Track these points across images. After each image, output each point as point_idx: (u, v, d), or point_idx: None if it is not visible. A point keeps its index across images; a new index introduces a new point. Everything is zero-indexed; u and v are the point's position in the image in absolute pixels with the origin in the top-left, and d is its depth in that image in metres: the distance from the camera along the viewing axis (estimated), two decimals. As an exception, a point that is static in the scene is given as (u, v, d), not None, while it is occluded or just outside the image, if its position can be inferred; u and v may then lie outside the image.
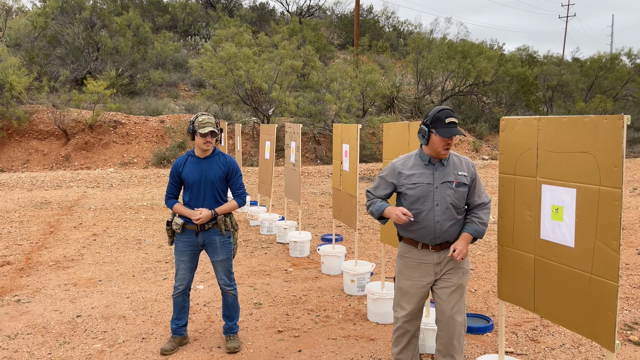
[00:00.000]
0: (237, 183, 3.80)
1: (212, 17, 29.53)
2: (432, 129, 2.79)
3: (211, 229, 3.69)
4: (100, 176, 13.40)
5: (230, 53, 16.72)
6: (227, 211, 3.73)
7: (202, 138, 3.57)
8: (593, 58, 26.27)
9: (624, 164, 2.20)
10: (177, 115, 17.85)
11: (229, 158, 3.78)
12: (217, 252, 3.72)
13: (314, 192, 11.65)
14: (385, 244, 4.47)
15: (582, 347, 3.85)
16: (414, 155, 2.97)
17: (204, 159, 3.70)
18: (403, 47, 30.68)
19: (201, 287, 5.19)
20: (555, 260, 2.56)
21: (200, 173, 3.65)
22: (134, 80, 20.40)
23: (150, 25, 25.01)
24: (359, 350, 3.82)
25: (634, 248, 6.66)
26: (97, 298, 4.88)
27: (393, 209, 2.86)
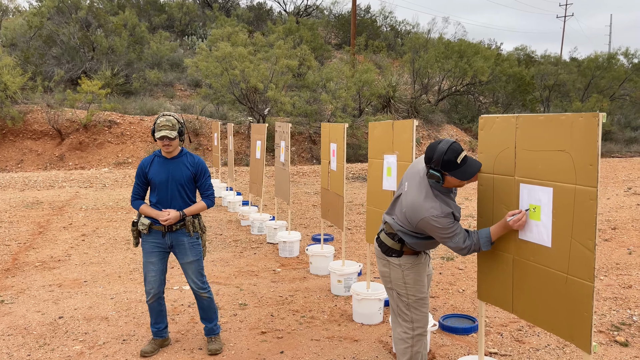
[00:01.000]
0: (205, 184, 3.71)
1: (209, 16, 29.48)
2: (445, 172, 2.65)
3: (179, 230, 3.60)
4: (94, 176, 13.35)
5: (226, 52, 16.67)
6: (195, 212, 3.64)
7: (160, 141, 3.48)
8: (590, 58, 26.26)
9: (599, 163, 2.16)
10: (173, 115, 17.78)
11: (197, 158, 3.69)
12: (186, 253, 3.63)
13: (307, 192, 11.61)
14: (371, 244, 4.43)
15: (567, 347, 3.81)
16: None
17: (171, 159, 3.61)
18: (400, 47, 30.62)
19: (187, 288, 5.14)
20: (533, 260, 2.52)
21: (167, 174, 3.57)
22: (130, 80, 20.34)
23: (147, 25, 24.95)
24: (342, 352, 3.77)
25: (626, 248, 6.63)
26: (81, 299, 4.83)
27: (503, 225, 2.60)
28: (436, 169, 2.63)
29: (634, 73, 25.85)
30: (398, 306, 3.01)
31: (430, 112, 21.52)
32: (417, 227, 2.76)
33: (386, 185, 3.97)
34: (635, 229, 7.55)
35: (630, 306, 4.64)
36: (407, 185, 2.86)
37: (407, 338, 2.98)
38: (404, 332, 2.99)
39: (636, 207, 9.11)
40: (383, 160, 4.00)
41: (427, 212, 2.66)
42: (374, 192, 4.17)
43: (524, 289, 2.60)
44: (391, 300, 3.07)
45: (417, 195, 2.74)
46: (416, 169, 2.89)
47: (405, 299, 2.96)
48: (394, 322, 3.09)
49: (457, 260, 6.18)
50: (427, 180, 2.75)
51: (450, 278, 5.53)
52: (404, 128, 3.71)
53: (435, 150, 2.62)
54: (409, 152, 3.64)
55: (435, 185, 2.73)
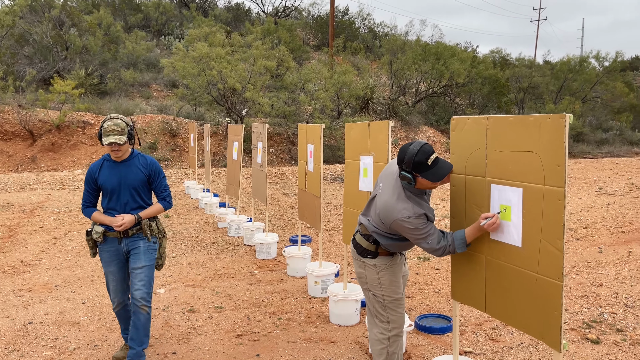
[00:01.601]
0: (160, 185, 3.54)
1: (186, 16, 29.19)
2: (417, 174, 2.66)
3: (135, 235, 3.44)
4: (67, 178, 13.08)
5: (203, 53, 16.51)
6: (151, 215, 3.48)
7: (107, 146, 3.30)
8: (563, 61, 26.86)
9: (566, 163, 2.19)
10: (149, 116, 17.56)
11: (150, 159, 3.52)
12: (139, 257, 3.41)
13: (286, 194, 11.58)
14: (348, 245, 4.43)
15: (539, 345, 3.87)
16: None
17: (121, 162, 3.43)
18: (378, 49, 30.83)
19: (162, 291, 5.07)
20: (504, 260, 2.55)
21: (119, 178, 3.39)
22: (104, 80, 20.00)
23: (122, 25, 24.59)
24: (318, 353, 3.76)
25: (597, 247, 6.78)
26: (52, 304, 4.72)
27: (477, 227, 2.60)
28: (408, 170, 2.65)
29: (605, 76, 26.53)
30: (374, 307, 3.01)
31: (408, 114, 21.70)
32: (390, 228, 2.77)
33: (363, 186, 3.97)
34: (605, 228, 7.73)
35: (601, 304, 4.74)
36: (382, 187, 2.87)
37: (384, 339, 2.99)
38: (380, 333, 3.00)
39: (607, 206, 9.33)
40: (359, 161, 4.01)
41: (399, 214, 2.67)
42: (350, 193, 4.17)
43: (496, 288, 2.63)
44: (367, 301, 3.07)
45: (390, 197, 2.75)
46: (390, 171, 2.90)
47: (381, 299, 2.96)
48: (370, 322, 3.10)
49: (433, 260, 6.23)
50: (400, 182, 2.76)
51: (426, 278, 5.58)
52: (380, 129, 3.73)
53: (407, 152, 2.64)
54: (384, 153, 3.65)
55: (408, 187, 2.74)
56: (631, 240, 7.07)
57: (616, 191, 10.91)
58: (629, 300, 4.81)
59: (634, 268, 5.78)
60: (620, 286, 5.20)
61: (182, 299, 4.86)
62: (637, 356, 3.70)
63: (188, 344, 3.91)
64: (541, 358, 3.69)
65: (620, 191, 10.89)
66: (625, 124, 26.23)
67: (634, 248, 6.63)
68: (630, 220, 8.14)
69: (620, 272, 5.65)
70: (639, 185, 11.48)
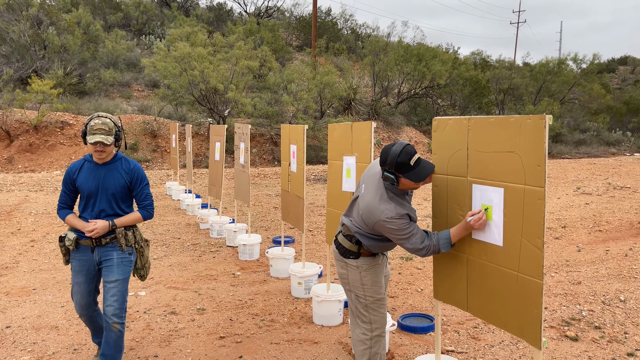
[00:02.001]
0: (142, 193, 3.30)
1: (168, 16, 28.92)
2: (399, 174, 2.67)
3: (109, 244, 3.18)
4: (45, 179, 12.84)
5: (184, 53, 16.38)
6: (128, 224, 3.23)
7: (92, 146, 3.06)
8: (542, 63, 27.32)
9: (546, 164, 2.23)
10: (130, 116, 17.34)
11: (133, 164, 3.28)
12: (112, 270, 3.16)
13: (268, 194, 11.54)
14: (332, 246, 4.43)
15: (520, 343, 3.93)
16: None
17: (103, 165, 3.20)
18: (361, 50, 30.95)
19: (143, 294, 5.00)
20: (486, 259, 2.58)
21: (98, 181, 3.15)
22: (84, 79, 19.69)
23: (102, 24, 24.24)
24: (301, 354, 3.76)
25: (575, 245, 6.90)
26: (30, 308, 4.62)
27: (463, 226, 2.61)
28: (390, 171, 2.66)
29: (582, 78, 27.04)
30: (356, 307, 3.02)
31: (390, 115, 21.83)
32: (373, 229, 2.78)
33: (345, 187, 3.98)
34: (584, 227, 7.88)
35: (580, 302, 4.82)
36: (364, 188, 2.88)
37: (366, 339, 3.00)
38: (363, 334, 3.00)
39: (585, 206, 9.51)
40: (342, 162, 4.01)
41: (382, 214, 2.68)
42: (333, 194, 4.17)
43: (478, 287, 2.66)
44: (350, 301, 3.08)
45: (372, 198, 2.76)
46: (373, 171, 2.91)
47: (363, 300, 2.97)
48: (352, 323, 3.10)
49: (415, 260, 6.27)
50: (383, 183, 2.77)
51: (409, 278, 5.61)
52: (362, 130, 3.74)
53: (389, 153, 2.65)
54: (367, 154, 3.66)
55: (391, 188, 2.75)
56: (608, 239, 7.21)
57: (593, 191, 11.12)
58: (606, 298, 4.91)
59: (611, 266, 5.90)
60: (598, 284, 5.30)
61: (164, 301, 4.80)
62: (615, 353, 3.78)
63: (170, 346, 3.87)
64: (521, 356, 3.74)
65: (598, 191, 11.11)
66: (602, 125, 26.78)
67: (611, 246, 6.77)
68: (607, 219, 8.30)
69: (598, 271, 5.76)
70: (615, 185, 11.72)
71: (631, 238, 7.19)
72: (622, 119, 28.27)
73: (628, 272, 5.68)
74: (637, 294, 5.00)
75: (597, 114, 27.39)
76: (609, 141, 25.49)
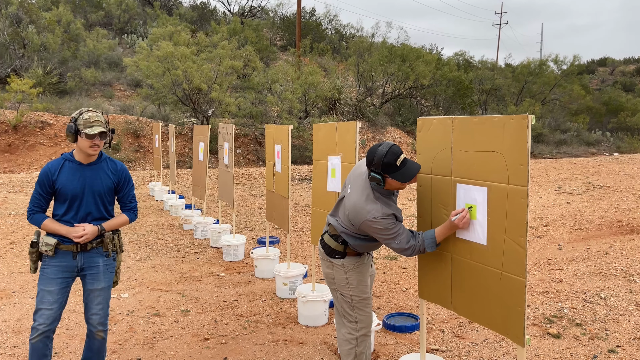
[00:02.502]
0: (128, 195, 3.15)
1: (150, 15, 28.63)
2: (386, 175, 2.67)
3: (94, 249, 2.99)
4: (24, 180, 12.60)
5: (167, 52, 16.23)
6: (116, 227, 3.05)
7: (89, 140, 2.86)
8: (523, 64, 27.68)
9: (529, 163, 2.25)
10: (112, 116, 17.12)
11: (120, 165, 3.11)
12: (99, 278, 3.00)
13: (253, 195, 11.49)
14: (317, 246, 4.43)
15: (503, 341, 3.97)
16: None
17: (88, 165, 2.97)
18: (345, 50, 31.02)
19: (125, 296, 4.94)
20: (470, 258, 2.60)
21: (83, 183, 2.94)
22: (64, 78, 19.38)
23: (83, 22, 23.90)
24: (287, 355, 3.74)
25: (556, 244, 7.00)
26: (9, 311, 4.53)
27: (448, 225, 2.62)
28: (377, 171, 2.67)
29: (563, 79, 27.47)
30: (342, 307, 3.02)
31: (375, 115, 21.92)
32: (359, 229, 2.78)
33: (330, 187, 3.98)
34: (565, 225, 8.00)
35: (561, 299, 4.89)
36: (350, 188, 2.88)
37: (352, 339, 3.00)
38: (349, 333, 3.00)
39: (566, 205, 9.66)
40: (327, 162, 4.01)
41: (368, 214, 2.69)
42: (318, 194, 4.17)
43: (462, 286, 2.68)
44: (335, 301, 3.07)
45: (359, 198, 2.76)
46: (359, 172, 2.92)
47: (349, 299, 2.97)
48: (338, 323, 3.10)
49: (400, 259, 6.30)
50: (369, 183, 2.78)
51: (394, 277, 5.63)
52: (347, 130, 3.74)
53: (376, 153, 2.66)
54: (352, 154, 3.67)
55: (377, 188, 2.76)
56: (589, 237, 7.33)
57: (574, 190, 11.30)
58: (587, 295, 4.99)
59: (591, 264, 6.00)
60: (579, 282, 5.39)
61: (147, 303, 4.75)
62: (596, 350, 3.84)
63: (153, 349, 3.82)
64: (505, 353, 3.78)
65: (578, 190, 11.29)
66: (582, 126, 27.24)
67: (591, 245, 6.88)
68: (587, 218, 8.44)
69: (579, 269, 5.85)
70: (595, 185, 11.93)
71: (611, 236, 7.32)
72: (601, 120, 28.80)
73: (608, 269, 5.78)
74: (617, 291, 5.09)
75: (577, 114, 27.86)
76: (589, 141, 25.94)
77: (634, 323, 4.31)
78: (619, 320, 4.38)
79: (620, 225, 7.91)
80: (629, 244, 6.86)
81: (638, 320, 4.36)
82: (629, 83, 42.22)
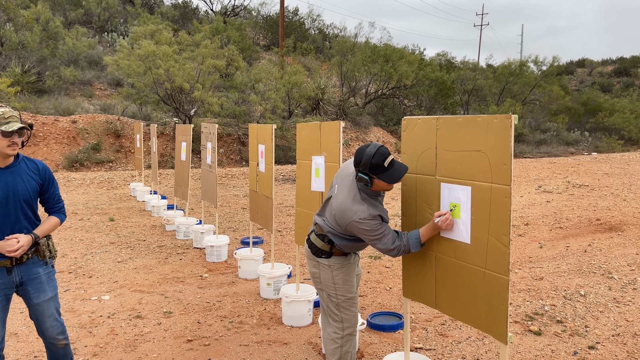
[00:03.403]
0: (55, 195, 2.89)
1: (131, 13, 28.28)
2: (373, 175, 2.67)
3: (30, 260, 2.73)
4: None
5: (149, 51, 16.03)
6: (48, 232, 2.80)
7: (6, 139, 2.57)
8: (504, 64, 28.00)
9: (512, 162, 2.27)
10: (92, 116, 16.86)
11: (40, 164, 2.83)
12: (43, 289, 2.77)
13: (236, 195, 11.43)
14: (301, 246, 4.42)
15: (486, 339, 4.00)
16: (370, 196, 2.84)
17: (7, 168, 2.67)
18: (328, 50, 31.04)
19: (107, 298, 4.86)
20: (454, 257, 2.61)
21: (6, 188, 2.63)
22: (43, 77, 19.04)
23: (62, 20, 23.51)
24: (271, 356, 3.72)
25: (537, 242, 7.09)
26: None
27: (432, 226, 2.64)
28: (364, 172, 2.67)
29: (543, 80, 27.89)
30: (328, 306, 3.01)
31: (358, 115, 21.97)
32: (346, 229, 2.78)
33: (314, 187, 3.97)
34: (545, 224, 8.11)
35: (542, 297, 4.96)
36: (337, 188, 2.88)
37: (337, 338, 2.99)
38: (334, 332, 3.00)
39: (546, 204, 9.80)
40: (311, 162, 4.00)
41: (355, 215, 2.69)
42: (302, 194, 4.16)
43: (446, 285, 2.69)
44: (321, 300, 3.07)
45: (346, 199, 2.76)
46: (346, 172, 2.92)
47: (335, 299, 2.97)
48: (324, 322, 3.09)
49: (384, 259, 6.32)
50: (356, 184, 2.78)
51: (377, 276, 5.65)
52: (331, 129, 3.73)
53: (364, 154, 2.66)
54: (336, 154, 3.66)
55: (364, 189, 2.76)
56: (568, 235, 7.45)
57: (554, 189, 11.48)
58: (567, 292, 5.06)
59: (571, 262, 6.10)
60: (559, 279, 5.47)
61: (129, 305, 4.68)
62: (576, 346, 3.90)
63: (135, 351, 3.77)
64: (487, 351, 3.82)
65: (558, 189, 11.47)
66: (561, 126, 27.68)
67: (571, 243, 6.99)
68: (567, 216, 8.58)
69: (559, 266, 5.94)
70: (574, 184, 12.13)
71: (590, 234, 7.45)
72: (580, 120, 29.30)
73: (587, 267, 5.88)
74: (596, 288, 5.18)
75: (556, 114, 28.31)
76: (568, 141, 26.37)
77: (612, 319, 4.39)
78: (599, 317, 4.46)
79: (598, 223, 8.05)
80: (607, 241, 6.99)
81: (617, 317, 4.45)
82: (607, 84, 43.07)
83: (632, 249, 6.61)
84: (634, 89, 40.36)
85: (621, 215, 8.50)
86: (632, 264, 5.97)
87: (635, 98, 34.61)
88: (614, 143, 25.40)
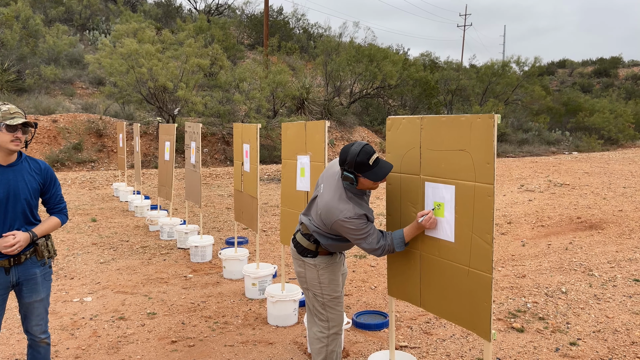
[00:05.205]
0: (56, 195, 2.86)
1: (113, 11, 27.93)
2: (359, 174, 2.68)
3: (28, 260, 2.71)
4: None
5: (132, 49, 15.85)
6: (48, 232, 2.77)
7: (10, 133, 2.55)
8: (487, 65, 28.30)
9: (495, 161, 2.30)
10: (73, 115, 16.62)
11: (43, 164, 2.81)
12: (37, 289, 2.75)
13: (221, 195, 11.36)
14: (286, 246, 4.41)
15: (470, 336, 4.04)
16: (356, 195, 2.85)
17: (9, 167, 2.64)
18: (313, 50, 31.03)
19: (89, 300, 4.80)
20: (438, 255, 2.63)
21: (7, 187, 2.61)
22: (22, 76, 18.70)
23: (42, 18, 23.10)
24: (256, 356, 3.71)
25: (520, 240, 7.19)
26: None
27: (415, 226, 2.66)
28: (350, 170, 2.68)
29: (525, 80, 28.25)
30: (314, 306, 3.02)
31: (343, 114, 22.01)
32: (331, 228, 2.78)
33: (300, 186, 3.96)
34: (527, 222, 8.22)
35: (525, 294, 5.03)
36: (323, 187, 2.89)
37: (323, 337, 3.00)
38: (320, 332, 3.00)
39: (528, 202, 9.93)
40: (297, 161, 4.00)
41: (340, 214, 2.69)
42: (287, 193, 4.15)
43: (431, 283, 2.71)
44: (307, 300, 3.07)
45: (331, 198, 2.77)
46: (332, 171, 2.92)
47: (320, 298, 2.97)
48: (310, 321, 3.09)
49: (369, 258, 6.34)
50: (342, 183, 2.78)
51: (363, 275, 5.66)
52: (316, 129, 3.73)
53: (349, 153, 2.67)
54: (321, 153, 3.66)
55: (350, 188, 2.77)
56: (550, 233, 7.56)
57: (536, 188, 11.63)
58: (549, 290, 5.14)
59: (553, 260, 6.19)
60: (541, 277, 5.54)
61: (112, 307, 4.62)
62: (558, 342, 3.96)
63: (118, 353, 3.72)
64: (471, 348, 3.86)
65: (540, 188, 11.63)
66: (542, 125, 28.08)
67: (552, 241, 7.10)
68: (548, 214, 8.70)
69: (541, 264, 6.02)
70: (556, 183, 12.31)
71: (571, 232, 7.57)
72: (561, 120, 29.75)
73: (569, 264, 5.97)
74: (577, 285, 5.27)
75: (538, 114, 28.70)
76: (550, 140, 26.76)
77: (593, 316, 4.47)
78: (580, 313, 4.53)
79: (579, 221, 8.19)
80: (588, 239, 7.12)
81: (597, 314, 4.53)
82: (587, 84, 43.82)
83: (612, 247, 6.73)
84: (614, 89, 41.15)
85: (601, 213, 8.65)
86: (612, 261, 6.09)
87: (614, 98, 35.30)
88: (594, 142, 25.84)
